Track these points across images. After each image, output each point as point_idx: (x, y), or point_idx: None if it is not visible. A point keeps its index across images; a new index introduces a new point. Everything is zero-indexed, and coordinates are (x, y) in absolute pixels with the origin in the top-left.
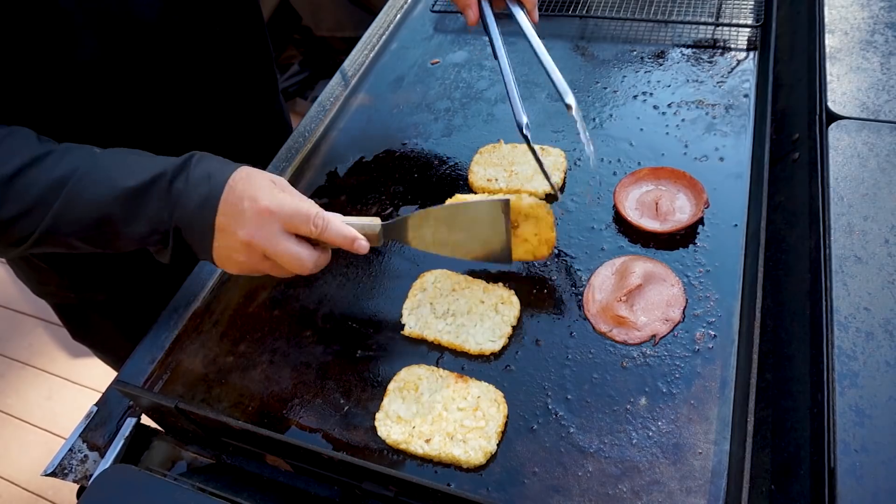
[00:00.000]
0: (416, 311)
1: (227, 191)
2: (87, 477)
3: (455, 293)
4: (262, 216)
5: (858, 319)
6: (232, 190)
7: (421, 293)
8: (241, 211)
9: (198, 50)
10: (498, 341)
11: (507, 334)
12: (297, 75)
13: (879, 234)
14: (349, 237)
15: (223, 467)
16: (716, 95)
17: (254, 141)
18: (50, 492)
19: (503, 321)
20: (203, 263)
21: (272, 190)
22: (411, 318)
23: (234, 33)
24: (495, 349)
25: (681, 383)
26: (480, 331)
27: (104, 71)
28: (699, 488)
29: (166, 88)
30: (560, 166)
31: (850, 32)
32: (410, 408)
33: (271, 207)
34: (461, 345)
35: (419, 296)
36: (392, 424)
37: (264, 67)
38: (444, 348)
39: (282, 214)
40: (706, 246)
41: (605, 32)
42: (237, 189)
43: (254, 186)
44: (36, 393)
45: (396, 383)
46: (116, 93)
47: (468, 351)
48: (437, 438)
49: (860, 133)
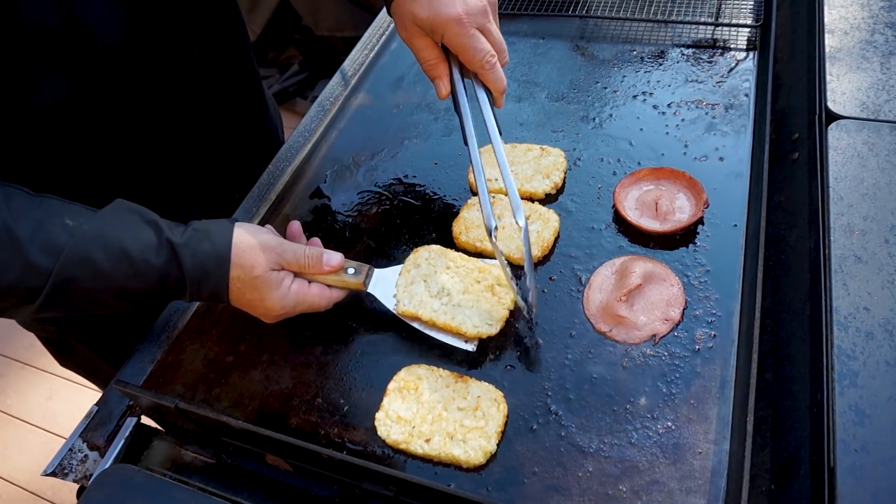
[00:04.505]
0: (409, 287)
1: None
2: (87, 477)
3: (449, 271)
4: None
5: (858, 319)
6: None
7: (415, 269)
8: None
9: (172, 73)
10: (495, 325)
11: (504, 318)
12: (297, 75)
13: (879, 233)
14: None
15: (223, 467)
16: (716, 95)
17: (242, 155)
18: (50, 492)
19: (500, 304)
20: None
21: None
22: (405, 296)
23: (212, 52)
24: (492, 332)
25: (681, 383)
26: (476, 313)
27: (68, 112)
28: (699, 488)
29: (142, 119)
30: (560, 166)
31: (850, 32)
32: (410, 408)
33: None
34: (457, 327)
35: (413, 272)
36: (392, 424)
37: (248, 82)
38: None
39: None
40: (706, 246)
41: (605, 32)
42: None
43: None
44: (36, 393)
45: (396, 383)
46: (85, 131)
47: (465, 333)
48: (436, 438)
49: (860, 133)
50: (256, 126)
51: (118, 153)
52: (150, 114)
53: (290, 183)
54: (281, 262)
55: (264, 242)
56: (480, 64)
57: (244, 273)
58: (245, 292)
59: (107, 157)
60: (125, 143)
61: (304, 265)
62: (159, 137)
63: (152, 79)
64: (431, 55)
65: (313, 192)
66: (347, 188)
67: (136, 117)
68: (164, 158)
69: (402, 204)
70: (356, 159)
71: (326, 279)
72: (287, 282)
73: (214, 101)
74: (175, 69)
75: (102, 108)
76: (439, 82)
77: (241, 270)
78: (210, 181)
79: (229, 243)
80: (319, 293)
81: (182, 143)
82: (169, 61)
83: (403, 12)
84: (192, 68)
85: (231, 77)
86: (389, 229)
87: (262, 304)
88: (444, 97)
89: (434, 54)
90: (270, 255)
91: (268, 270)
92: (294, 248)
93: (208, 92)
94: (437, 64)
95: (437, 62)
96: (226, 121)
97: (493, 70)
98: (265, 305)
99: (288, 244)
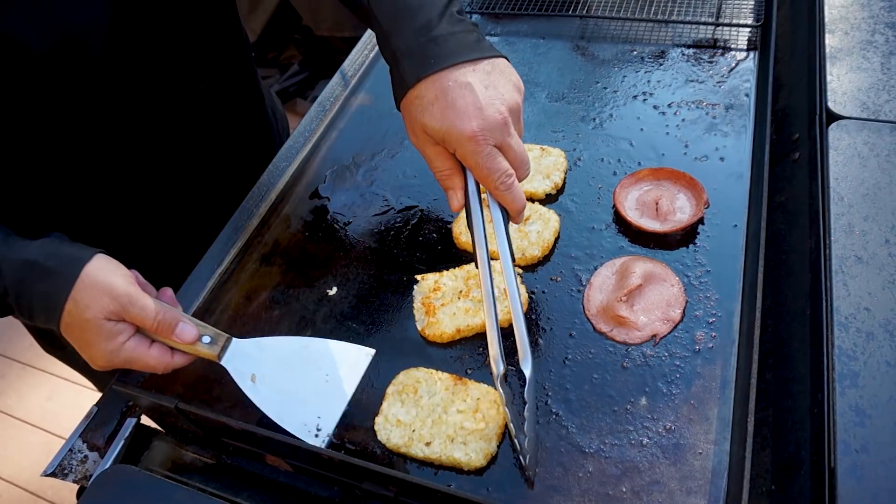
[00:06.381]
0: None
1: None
2: (87, 477)
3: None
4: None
5: (859, 319)
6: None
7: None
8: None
9: (166, 82)
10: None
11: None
12: (297, 75)
13: (880, 234)
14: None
15: (223, 467)
16: (716, 95)
17: (242, 161)
18: (50, 492)
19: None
20: (202, 265)
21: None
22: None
23: (211, 60)
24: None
25: (681, 383)
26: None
27: (56, 124)
28: (699, 488)
29: (137, 127)
30: (560, 166)
31: (850, 32)
32: (410, 411)
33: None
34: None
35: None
36: (392, 428)
37: (246, 83)
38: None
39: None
40: (706, 246)
41: (605, 32)
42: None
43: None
44: (36, 393)
45: (395, 387)
46: (74, 144)
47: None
48: (437, 441)
49: (860, 133)
50: (257, 131)
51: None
52: (144, 122)
53: (290, 183)
54: (123, 314)
55: (111, 287)
56: (495, 185)
57: (77, 311)
58: (74, 330)
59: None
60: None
61: (151, 327)
62: (154, 144)
63: (144, 87)
64: (445, 165)
65: (313, 192)
66: (347, 188)
67: (130, 126)
68: (160, 164)
69: (402, 204)
70: (356, 159)
71: (175, 344)
72: (122, 337)
73: (213, 107)
74: (170, 78)
75: (92, 118)
76: (452, 194)
77: (74, 306)
78: (208, 187)
79: (69, 286)
80: (158, 357)
81: (179, 149)
82: (161, 70)
83: (413, 118)
84: (190, 77)
85: (230, 84)
86: (389, 230)
87: (88, 349)
88: (456, 210)
89: (448, 164)
90: (110, 303)
91: (101, 318)
92: (144, 305)
93: (207, 98)
94: (450, 175)
95: (451, 173)
96: (225, 127)
97: (510, 191)
98: (89, 352)
99: (140, 298)
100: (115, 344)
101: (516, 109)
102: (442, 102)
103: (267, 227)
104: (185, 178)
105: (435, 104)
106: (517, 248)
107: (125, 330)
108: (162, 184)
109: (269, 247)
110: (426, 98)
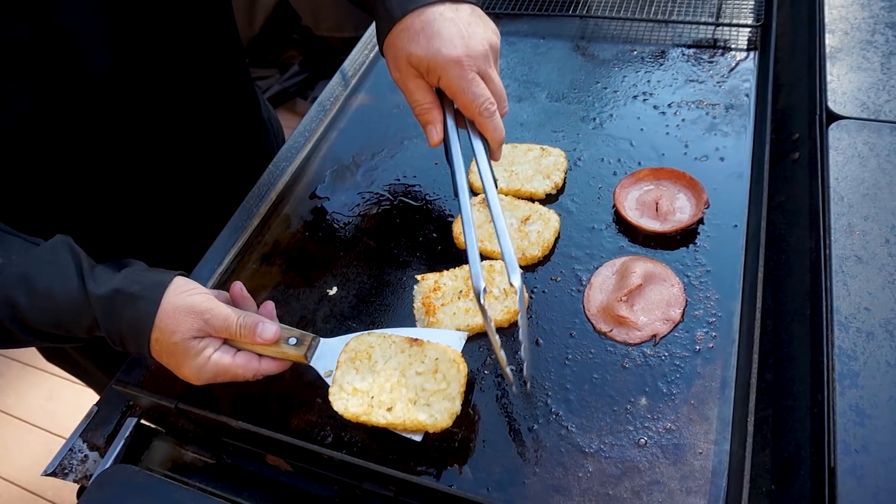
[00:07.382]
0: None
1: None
2: (87, 477)
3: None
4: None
5: (859, 319)
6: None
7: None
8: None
9: (164, 89)
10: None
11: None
12: (297, 75)
13: (880, 234)
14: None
15: (223, 467)
16: (716, 95)
17: (238, 160)
18: (50, 492)
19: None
20: (202, 265)
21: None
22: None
23: (206, 67)
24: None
25: (681, 383)
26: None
27: (52, 128)
28: (699, 488)
29: (133, 134)
30: (560, 166)
31: (850, 32)
32: (366, 378)
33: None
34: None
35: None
36: (348, 397)
37: (242, 89)
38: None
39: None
40: (706, 246)
41: (605, 32)
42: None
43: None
44: (36, 393)
45: (347, 354)
46: (71, 149)
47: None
48: (398, 406)
49: (860, 133)
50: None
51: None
52: (142, 126)
53: (290, 183)
54: (207, 329)
55: (191, 306)
56: (479, 110)
57: (163, 337)
58: (163, 355)
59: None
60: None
61: (234, 334)
62: (153, 149)
63: (142, 93)
64: (425, 99)
65: (313, 192)
66: (347, 188)
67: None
68: (159, 168)
69: (402, 204)
70: (356, 159)
71: (263, 349)
72: (208, 351)
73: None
74: (168, 83)
75: (91, 122)
76: (431, 128)
77: (160, 334)
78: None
79: (154, 309)
80: (245, 365)
81: (178, 153)
82: (159, 76)
83: (398, 50)
84: (188, 83)
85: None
86: (389, 230)
87: (179, 370)
88: (435, 144)
89: (428, 98)
90: (194, 322)
91: (188, 338)
92: (225, 315)
93: (204, 104)
94: (430, 109)
95: (431, 107)
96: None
97: (493, 118)
98: (182, 373)
99: (220, 309)
100: (202, 359)
101: (496, 49)
102: (428, 31)
103: (267, 227)
104: (185, 180)
105: (421, 33)
106: (517, 248)
107: (210, 344)
108: (161, 186)
109: (269, 247)
110: (412, 28)
